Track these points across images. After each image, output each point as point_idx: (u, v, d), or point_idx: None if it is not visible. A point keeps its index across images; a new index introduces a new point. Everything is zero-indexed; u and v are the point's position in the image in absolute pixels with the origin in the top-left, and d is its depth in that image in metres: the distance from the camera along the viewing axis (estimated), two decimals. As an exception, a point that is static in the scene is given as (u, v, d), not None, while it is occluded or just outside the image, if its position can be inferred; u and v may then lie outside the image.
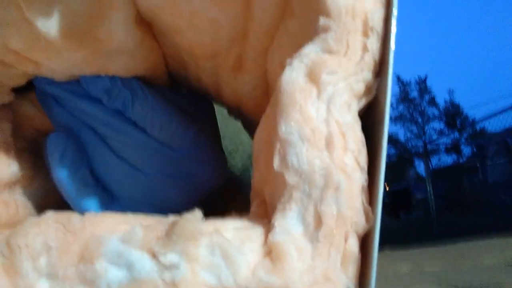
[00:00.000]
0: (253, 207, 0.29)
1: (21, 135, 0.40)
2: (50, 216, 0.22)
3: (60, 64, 0.28)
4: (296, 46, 0.26)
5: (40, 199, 0.40)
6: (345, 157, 0.21)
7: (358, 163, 0.22)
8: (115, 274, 0.20)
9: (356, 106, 0.22)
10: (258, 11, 0.30)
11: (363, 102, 0.22)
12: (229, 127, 0.82)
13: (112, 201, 0.40)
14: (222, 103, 0.49)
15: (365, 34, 0.21)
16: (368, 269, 0.21)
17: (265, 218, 0.26)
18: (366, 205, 0.21)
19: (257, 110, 0.41)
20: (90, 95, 0.35)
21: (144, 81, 0.39)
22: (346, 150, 0.21)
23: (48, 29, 0.24)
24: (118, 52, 0.30)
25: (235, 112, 0.50)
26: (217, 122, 0.49)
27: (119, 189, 0.39)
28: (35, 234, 0.21)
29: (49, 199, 0.40)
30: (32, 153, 0.40)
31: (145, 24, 0.34)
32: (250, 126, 0.51)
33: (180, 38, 0.33)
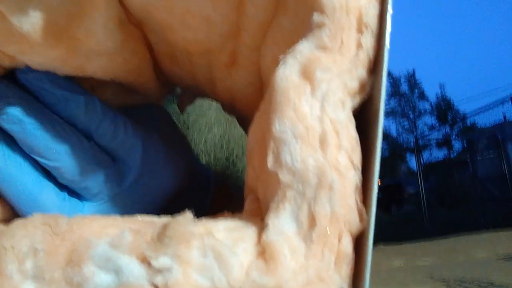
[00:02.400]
0: (247, 204, 0.29)
1: None
2: (38, 218, 0.21)
3: (34, 60, 0.28)
4: (289, 42, 0.26)
5: None
6: (339, 155, 0.21)
7: (352, 162, 0.21)
8: (103, 278, 0.19)
9: (350, 103, 0.21)
10: (251, 8, 0.30)
11: (357, 99, 0.22)
12: (234, 131, 0.82)
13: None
14: (217, 99, 0.49)
15: (359, 31, 0.21)
16: (362, 269, 0.21)
17: (258, 215, 0.26)
18: (360, 204, 0.21)
19: (251, 107, 0.41)
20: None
21: (129, 85, 0.38)
22: (340, 149, 0.21)
23: (22, 24, 0.23)
24: (96, 53, 0.29)
25: (229, 108, 0.49)
26: (171, 126, 0.48)
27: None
28: (21, 236, 0.20)
29: None
30: None
31: (130, 27, 0.33)
32: (244, 122, 0.51)
33: (174, 36, 0.32)
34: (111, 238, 0.20)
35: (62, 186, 0.36)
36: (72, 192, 0.37)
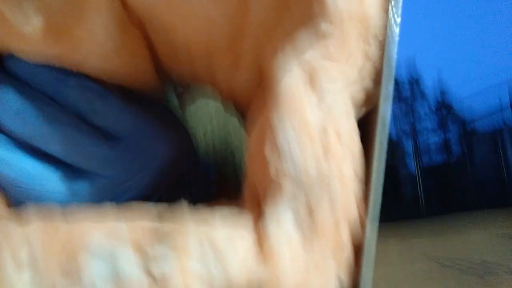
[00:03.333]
0: (244, 201, 0.29)
1: None
2: (32, 208, 0.21)
3: (31, 57, 0.28)
4: (293, 47, 0.26)
5: None
6: (343, 166, 0.21)
7: (356, 173, 0.21)
8: (98, 268, 0.19)
9: (355, 115, 0.21)
10: (254, 10, 0.30)
11: (363, 111, 0.22)
12: (234, 122, 0.82)
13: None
14: (218, 98, 0.49)
15: (367, 42, 0.21)
16: (359, 257, 0.21)
17: (256, 208, 0.26)
18: (358, 194, 0.21)
19: (249, 102, 0.41)
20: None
21: (129, 88, 0.37)
22: (344, 160, 0.21)
23: (23, 25, 0.23)
24: (94, 54, 0.29)
25: (230, 107, 0.49)
26: (168, 111, 0.46)
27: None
28: (16, 227, 0.20)
29: None
30: None
31: (131, 28, 0.33)
32: (246, 120, 0.51)
33: (177, 36, 0.32)
34: (107, 229, 0.20)
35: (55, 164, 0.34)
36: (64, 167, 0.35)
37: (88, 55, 0.29)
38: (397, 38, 0.21)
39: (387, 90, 0.20)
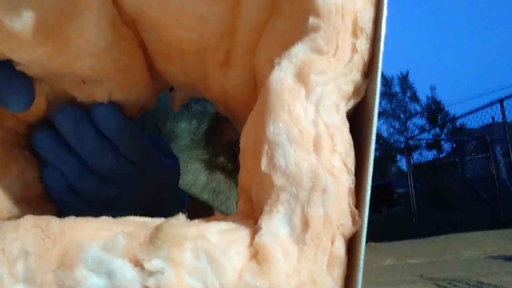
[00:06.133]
0: (239, 204, 0.29)
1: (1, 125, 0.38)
2: (29, 220, 0.21)
3: (21, 57, 0.27)
4: (284, 44, 0.26)
5: (19, 191, 0.38)
6: (333, 159, 0.21)
7: (346, 165, 0.21)
8: (95, 281, 0.19)
9: (344, 107, 0.22)
10: (246, 8, 0.30)
11: (351, 103, 0.22)
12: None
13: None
14: (210, 97, 0.49)
15: (355, 35, 0.21)
16: (354, 271, 0.21)
17: (251, 217, 0.26)
18: (353, 207, 0.21)
19: (245, 106, 0.41)
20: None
21: (119, 85, 0.38)
22: (334, 152, 0.21)
23: (14, 23, 0.23)
24: (85, 52, 0.29)
25: (222, 106, 0.49)
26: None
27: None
28: (12, 239, 0.20)
29: (30, 192, 0.39)
30: (9, 143, 0.38)
31: (122, 26, 0.33)
32: (237, 120, 0.51)
33: (167, 34, 0.32)
34: (104, 241, 0.20)
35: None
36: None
37: (78, 53, 0.29)
38: (384, 31, 0.21)
39: (375, 82, 0.21)
